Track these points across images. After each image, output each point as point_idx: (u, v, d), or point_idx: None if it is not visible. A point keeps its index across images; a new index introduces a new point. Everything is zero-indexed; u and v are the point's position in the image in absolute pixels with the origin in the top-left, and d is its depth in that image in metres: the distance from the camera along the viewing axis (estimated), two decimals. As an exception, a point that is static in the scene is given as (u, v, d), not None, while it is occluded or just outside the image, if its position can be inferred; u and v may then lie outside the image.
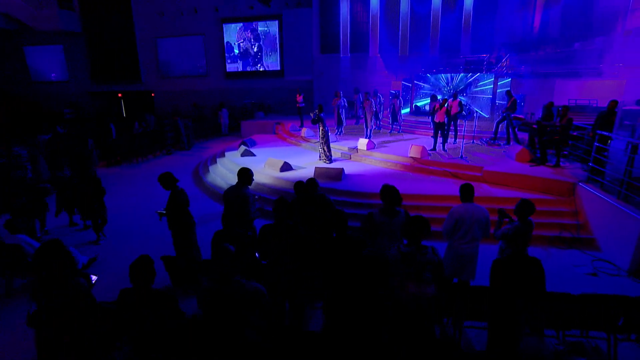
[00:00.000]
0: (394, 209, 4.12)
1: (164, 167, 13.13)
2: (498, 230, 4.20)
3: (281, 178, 8.92)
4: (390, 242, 4.04)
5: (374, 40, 20.58)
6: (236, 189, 5.10)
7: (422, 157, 9.56)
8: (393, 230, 4.06)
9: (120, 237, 7.44)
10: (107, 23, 24.99)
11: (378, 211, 4.14)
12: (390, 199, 4.13)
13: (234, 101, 23.79)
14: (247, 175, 5.09)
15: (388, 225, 4.05)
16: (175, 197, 5.23)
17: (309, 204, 4.76)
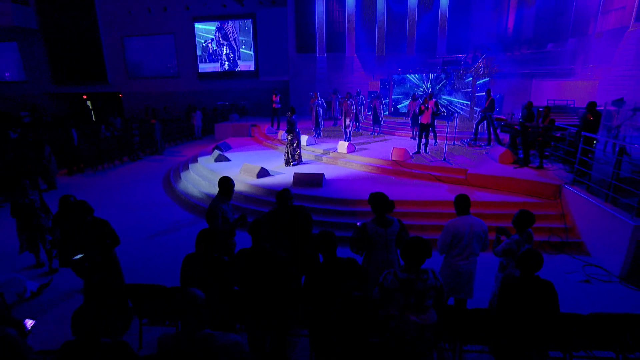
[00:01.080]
0: (387, 217, 3.78)
1: (130, 174, 12.30)
2: (498, 245, 3.87)
3: (258, 185, 8.38)
4: (388, 254, 3.75)
5: (350, 40, 20.30)
6: (212, 202, 4.58)
7: (404, 160, 9.26)
8: (389, 241, 3.76)
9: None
10: (68, 20, 23.53)
11: (371, 222, 3.75)
12: (382, 208, 3.77)
13: (208, 103, 22.98)
14: (223, 185, 4.50)
15: (384, 236, 3.72)
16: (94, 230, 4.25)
17: (291, 218, 4.27)
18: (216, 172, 9.73)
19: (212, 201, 4.51)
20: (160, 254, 6.52)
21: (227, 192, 4.47)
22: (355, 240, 3.75)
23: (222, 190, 4.47)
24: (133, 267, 5.86)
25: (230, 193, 4.51)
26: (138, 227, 7.74)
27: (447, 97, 15.06)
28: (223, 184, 4.48)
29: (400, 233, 3.86)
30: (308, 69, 20.60)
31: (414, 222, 6.82)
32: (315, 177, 8.23)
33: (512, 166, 8.64)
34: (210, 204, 4.47)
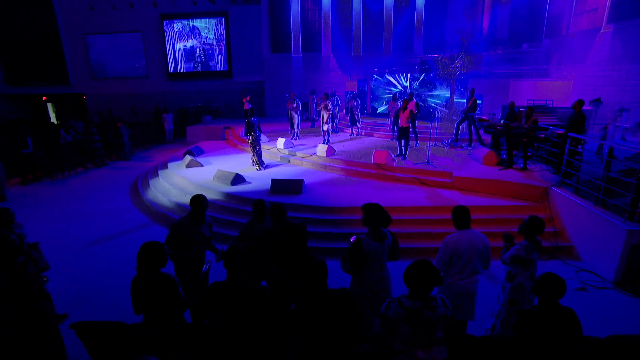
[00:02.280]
0: (381, 230, 3.41)
1: (94, 182, 11.38)
2: (505, 252, 3.55)
3: (233, 193, 7.78)
4: (382, 271, 3.43)
5: (326, 40, 19.89)
6: (179, 220, 4.02)
7: (387, 163, 8.90)
8: (383, 257, 3.43)
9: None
10: (23, 15, 21.87)
11: (366, 236, 3.36)
12: (378, 221, 3.39)
13: (178, 104, 21.99)
14: (193, 205, 3.91)
15: (379, 252, 3.36)
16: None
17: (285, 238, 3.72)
18: (187, 179, 9.07)
19: (179, 220, 3.94)
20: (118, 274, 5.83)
21: (198, 213, 3.89)
22: (351, 259, 3.32)
23: (192, 210, 3.90)
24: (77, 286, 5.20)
25: (201, 213, 3.92)
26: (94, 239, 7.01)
27: (423, 98, 14.93)
28: (194, 204, 3.89)
29: (392, 245, 3.51)
30: (283, 69, 20.04)
31: (400, 230, 6.44)
32: (294, 183, 7.73)
33: (496, 168, 8.43)
34: (176, 222, 3.89)
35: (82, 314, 4.77)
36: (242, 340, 2.57)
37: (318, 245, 6.25)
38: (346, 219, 6.70)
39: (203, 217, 3.95)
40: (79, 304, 5.08)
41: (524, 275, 3.46)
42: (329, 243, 6.31)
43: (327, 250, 6.14)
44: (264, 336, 2.59)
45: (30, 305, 3.19)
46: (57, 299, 4.51)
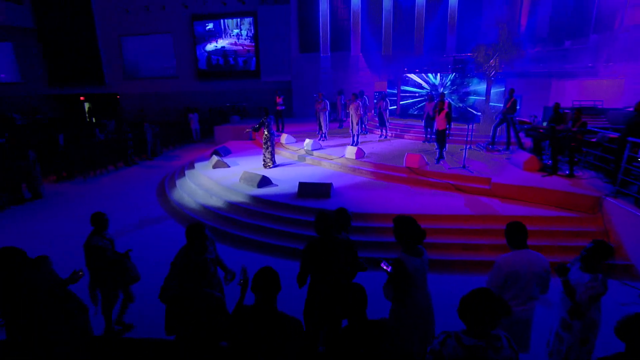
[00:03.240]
0: (417, 246, 3.11)
1: (123, 181, 11.51)
2: (584, 294, 2.93)
3: (259, 197, 7.56)
4: (425, 289, 3.14)
5: (355, 39, 19.51)
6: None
7: (419, 167, 8.44)
8: (424, 274, 3.12)
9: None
10: (64, 19, 22.80)
11: (405, 254, 3.04)
12: (414, 238, 3.08)
13: (207, 104, 22.21)
14: (193, 236, 3.35)
15: (421, 270, 3.06)
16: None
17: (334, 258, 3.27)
18: (214, 180, 8.95)
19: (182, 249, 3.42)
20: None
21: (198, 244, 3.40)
22: (396, 283, 2.98)
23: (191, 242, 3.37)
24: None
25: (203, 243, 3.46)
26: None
27: (458, 98, 14.26)
28: (193, 235, 3.31)
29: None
30: (311, 68, 19.81)
31: (435, 240, 6.01)
32: (323, 187, 7.42)
33: (538, 174, 7.82)
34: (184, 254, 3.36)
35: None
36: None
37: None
38: (376, 227, 6.33)
39: (204, 246, 3.44)
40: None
41: (595, 308, 2.98)
42: (361, 252, 5.95)
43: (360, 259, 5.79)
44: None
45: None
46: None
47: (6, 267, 2.91)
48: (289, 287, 5.07)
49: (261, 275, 2.29)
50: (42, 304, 2.90)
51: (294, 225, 6.70)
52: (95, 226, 4.11)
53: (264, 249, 6.43)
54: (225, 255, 6.22)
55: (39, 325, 2.90)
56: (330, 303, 3.16)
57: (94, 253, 3.94)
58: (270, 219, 6.93)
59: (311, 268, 3.29)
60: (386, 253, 5.89)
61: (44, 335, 2.91)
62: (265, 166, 9.95)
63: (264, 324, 2.23)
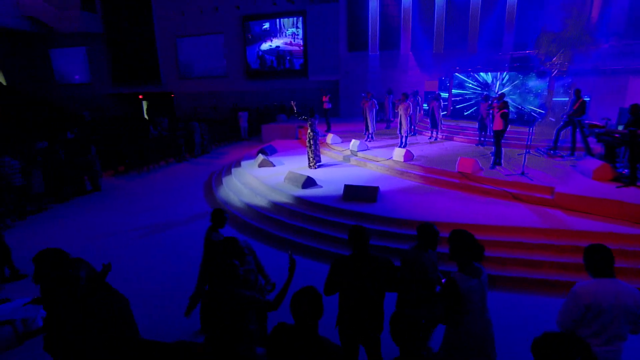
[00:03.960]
0: (475, 265, 2.78)
1: (173, 176, 11.98)
2: None
3: (303, 198, 7.47)
4: (484, 315, 2.78)
5: (405, 37, 18.94)
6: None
7: (473, 172, 7.92)
8: (483, 296, 2.78)
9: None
10: (128, 23, 24.45)
11: (459, 273, 2.74)
12: (471, 254, 2.75)
13: (255, 103, 22.67)
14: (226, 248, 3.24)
15: (479, 292, 2.73)
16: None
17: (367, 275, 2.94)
18: (259, 179, 9.01)
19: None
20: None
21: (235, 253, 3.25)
22: (447, 305, 2.71)
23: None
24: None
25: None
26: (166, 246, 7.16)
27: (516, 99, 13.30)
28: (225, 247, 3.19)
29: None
30: (360, 67, 19.52)
31: (489, 254, 5.52)
32: (369, 190, 7.17)
33: (612, 184, 7.01)
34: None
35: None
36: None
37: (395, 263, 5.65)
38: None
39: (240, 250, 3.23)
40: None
41: None
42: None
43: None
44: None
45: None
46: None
47: (50, 266, 3.02)
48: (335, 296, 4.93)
49: (301, 298, 2.09)
50: (81, 300, 2.97)
51: (338, 229, 6.52)
52: (215, 222, 4.04)
53: (307, 252, 6.32)
54: (267, 257, 6.22)
55: (76, 319, 2.97)
56: (361, 324, 2.92)
57: (213, 249, 3.91)
58: (314, 221, 6.81)
59: (339, 287, 3.00)
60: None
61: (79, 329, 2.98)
62: (310, 166, 9.88)
63: (303, 349, 2.07)
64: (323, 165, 10.19)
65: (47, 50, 26.83)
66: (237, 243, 3.08)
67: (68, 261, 3.14)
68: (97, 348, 3.08)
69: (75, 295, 2.99)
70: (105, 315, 3.05)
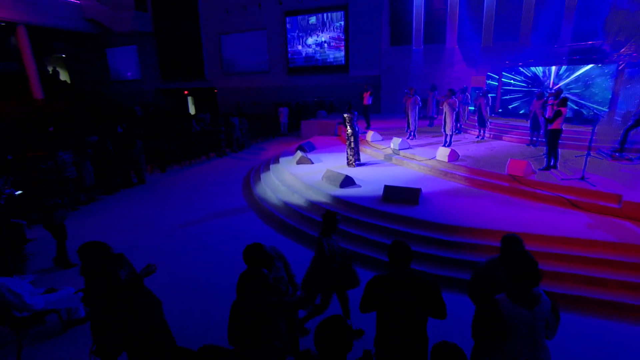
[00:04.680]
0: (531, 290, 2.38)
1: (213, 171, 12.19)
2: None
3: (341, 197, 7.25)
4: (535, 349, 2.39)
5: (452, 30, 18.07)
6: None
7: (525, 175, 7.32)
8: (536, 329, 2.38)
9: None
10: (175, 22, 25.34)
11: (505, 297, 2.41)
12: (529, 278, 2.37)
13: (296, 98, 22.69)
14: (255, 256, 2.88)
15: (528, 322, 2.36)
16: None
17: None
18: (296, 177, 8.91)
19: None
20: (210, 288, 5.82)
21: (263, 262, 2.90)
22: (483, 331, 2.41)
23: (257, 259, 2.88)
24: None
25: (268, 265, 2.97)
26: (195, 244, 7.23)
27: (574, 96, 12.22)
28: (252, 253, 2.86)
29: (551, 314, 2.46)
30: (402, 62, 18.92)
31: (542, 267, 5.05)
32: (411, 192, 6.82)
33: (691, 193, 6.18)
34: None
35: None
36: None
37: (434, 271, 5.30)
38: (470, 243, 5.56)
39: (269, 266, 2.94)
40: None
41: None
42: (448, 271, 5.30)
43: (445, 280, 5.15)
44: None
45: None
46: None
47: (92, 260, 3.03)
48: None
49: (325, 331, 1.89)
50: (120, 297, 2.96)
51: (376, 232, 6.25)
52: (326, 226, 3.74)
53: (343, 254, 6.12)
54: (302, 258, 6.09)
55: (115, 315, 2.97)
56: (399, 350, 2.63)
57: (324, 255, 3.73)
58: (352, 223, 6.58)
59: (375, 307, 2.73)
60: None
61: (118, 326, 2.97)
62: (349, 164, 9.64)
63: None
64: (362, 164, 9.91)
65: (104, 49, 28.51)
66: (261, 249, 2.84)
67: (109, 256, 3.16)
68: (131, 347, 3.09)
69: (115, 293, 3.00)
70: (140, 316, 3.05)
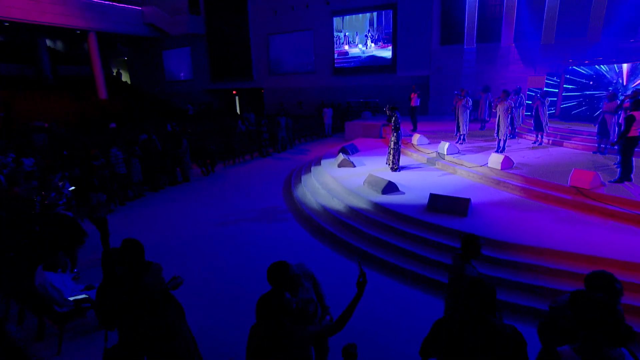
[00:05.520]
0: (606, 349, 1.91)
1: (255, 171, 12.27)
2: None
3: (383, 205, 6.88)
4: None
5: (508, 27, 16.92)
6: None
7: (591, 188, 6.54)
8: None
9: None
10: (226, 23, 26.06)
11: (570, 350, 1.95)
12: (604, 332, 1.90)
13: (341, 99, 22.47)
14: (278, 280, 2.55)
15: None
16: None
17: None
18: (337, 181, 8.66)
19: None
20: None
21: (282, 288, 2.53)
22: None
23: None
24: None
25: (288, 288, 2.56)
26: (232, 251, 7.19)
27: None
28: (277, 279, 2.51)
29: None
30: (453, 62, 18.03)
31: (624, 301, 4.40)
32: (459, 202, 6.32)
33: None
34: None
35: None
36: None
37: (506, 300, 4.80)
38: (529, 264, 4.99)
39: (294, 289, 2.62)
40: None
41: None
42: (504, 294, 4.78)
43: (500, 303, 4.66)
44: None
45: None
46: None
47: (126, 259, 2.94)
48: (412, 328, 4.34)
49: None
50: (147, 307, 2.87)
51: (421, 244, 5.85)
52: (466, 251, 3.14)
53: (383, 268, 5.78)
54: (339, 267, 5.86)
55: (141, 326, 2.89)
56: None
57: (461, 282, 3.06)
58: (394, 232, 6.22)
59: (439, 355, 2.29)
60: (539, 301, 4.61)
61: (144, 337, 2.89)
62: (393, 169, 9.24)
63: None
64: (405, 168, 9.48)
65: (161, 51, 30.07)
66: (286, 270, 2.49)
67: (143, 262, 3.07)
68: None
69: (144, 304, 2.92)
70: (164, 327, 2.96)
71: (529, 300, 4.67)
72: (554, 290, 4.64)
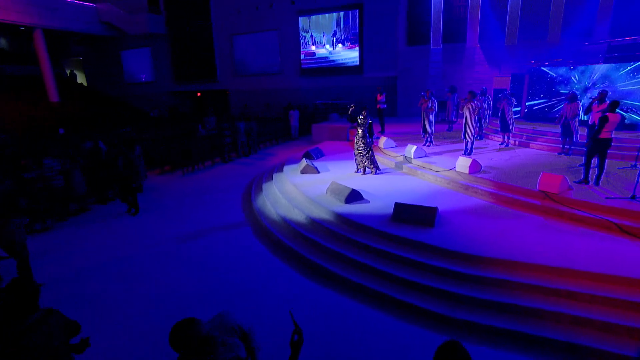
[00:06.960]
0: None
1: (215, 179, 11.48)
2: None
3: (344, 215, 6.35)
4: None
5: (473, 28, 16.96)
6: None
7: (560, 192, 6.29)
8: None
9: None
10: (188, 23, 25.02)
11: None
12: None
13: (308, 101, 21.93)
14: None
15: None
16: None
17: None
18: (298, 189, 8.07)
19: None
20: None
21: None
22: None
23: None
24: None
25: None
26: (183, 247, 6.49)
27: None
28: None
29: None
30: (419, 63, 17.91)
31: (587, 315, 4.06)
32: (425, 211, 5.88)
33: None
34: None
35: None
36: None
37: (454, 315, 4.36)
38: (500, 279, 4.59)
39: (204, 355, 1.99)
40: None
41: None
42: (472, 314, 4.36)
43: (468, 325, 4.23)
44: None
45: None
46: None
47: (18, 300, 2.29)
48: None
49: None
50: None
51: (383, 259, 5.36)
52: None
53: (343, 285, 5.24)
54: (296, 289, 5.28)
55: None
56: None
57: None
58: (356, 246, 5.71)
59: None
60: (515, 322, 4.20)
61: None
62: (369, 172, 8.93)
63: None
64: (374, 174, 9.03)
65: (119, 52, 28.50)
66: (193, 331, 1.89)
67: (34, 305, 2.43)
68: None
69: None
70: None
71: (501, 320, 4.26)
72: (526, 308, 4.26)
